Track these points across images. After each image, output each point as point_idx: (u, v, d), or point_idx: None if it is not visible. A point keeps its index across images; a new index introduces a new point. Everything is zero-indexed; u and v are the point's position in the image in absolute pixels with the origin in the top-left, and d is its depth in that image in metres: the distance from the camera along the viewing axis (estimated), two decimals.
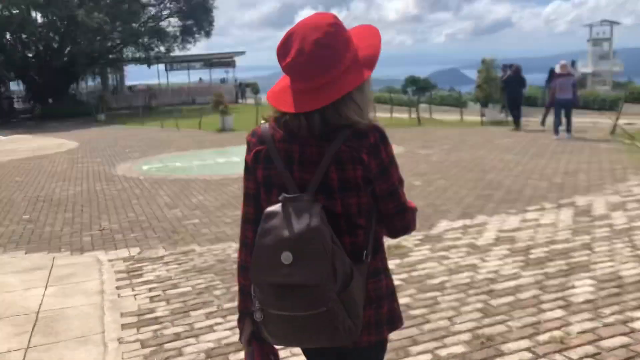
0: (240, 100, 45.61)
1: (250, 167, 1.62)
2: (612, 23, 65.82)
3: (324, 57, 1.47)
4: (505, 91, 16.26)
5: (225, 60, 49.17)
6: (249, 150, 1.62)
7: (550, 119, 14.23)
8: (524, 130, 15.38)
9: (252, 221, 1.64)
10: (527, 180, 8.10)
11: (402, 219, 1.64)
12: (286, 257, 1.42)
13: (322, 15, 1.54)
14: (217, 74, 50.57)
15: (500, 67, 18.24)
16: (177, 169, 11.81)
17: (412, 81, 30.72)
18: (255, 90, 43.53)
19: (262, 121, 1.65)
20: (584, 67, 59.26)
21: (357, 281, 1.50)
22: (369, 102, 1.57)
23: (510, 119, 16.47)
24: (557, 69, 13.89)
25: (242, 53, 51.02)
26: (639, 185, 7.41)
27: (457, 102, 24.96)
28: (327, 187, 1.52)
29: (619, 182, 7.64)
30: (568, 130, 13.11)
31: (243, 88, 46.10)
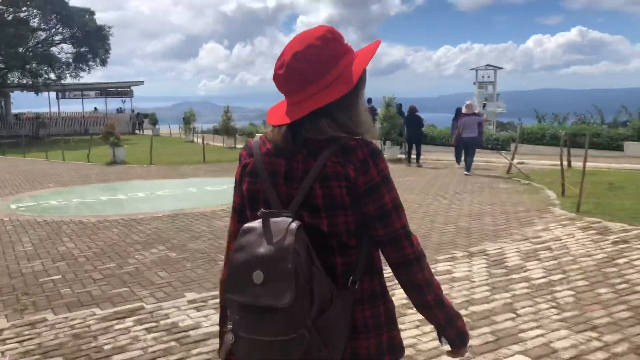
0: (137, 131, 43.64)
1: (237, 181, 1.58)
2: (496, 68, 70.94)
3: (301, 71, 1.43)
4: (406, 129, 16.34)
5: (122, 90, 47.28)
6: (239, 163, 1.58)
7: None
8: (424, 167, 15.33)
9: (234, 237, 1.49)
10: (432, 224, 7.69)
11: (396, 251, 1.47)
12: (257, 277, 1.33)
13: (315, 29, 1.49)
14: (114, 103, 48.43)
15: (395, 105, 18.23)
16: (51, 208, 10.40)
17: None
18: (154, 121, 41.77)
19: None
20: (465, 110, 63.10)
21: (336, 307, 1.40)
22: (360, 117, 1.49)
23: (404, 156, 16.60)
24: (463, 109, 14.09)
25: (141, 83, 49.12)
26: (545, 230, 7.17)
27: None
28: (312, 204, 1.43)
29: (525, 227, 7.37)
30: (468, 168, 13.20)
31: (141, 119, 44.18)
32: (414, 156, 16.33)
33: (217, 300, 2.02)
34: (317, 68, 1.43)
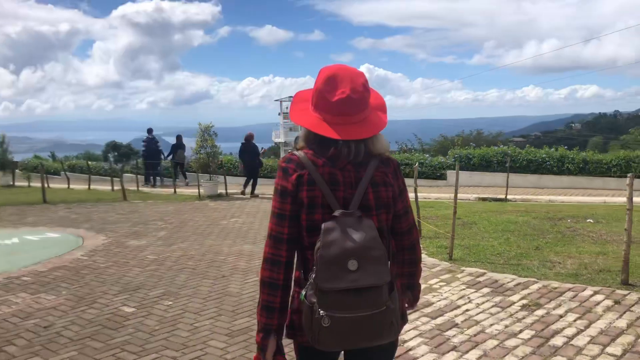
0: None
1: (290, 191, 1.82)
2: None
3: (367, 97, 1.86)
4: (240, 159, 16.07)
5: None
6: (287, 175, 1.83)
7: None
8: (260, 199, 13.41)
9: (285, 240, 1.84)
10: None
11: (411, 238, 2.01)
12: (352, 265, 1.68)
13: (352, 67, 1.90)
14: None
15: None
16: None
17: (114, 147, 27.19)
18: None
19: (292, 149, 1.98)
20: (278, 138, 64.99)
21: (396, 287, 1.84)
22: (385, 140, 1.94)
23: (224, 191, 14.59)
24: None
25: None
26: (431, 290, 5.67)
27: (169, 172, 22.22)
28: (365, 205, 1.82)
29: None
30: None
31: None
32: (249, 188, 15.55)
33: None
34: (369, 96, 1.88)
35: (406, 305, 2.09)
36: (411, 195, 14.05)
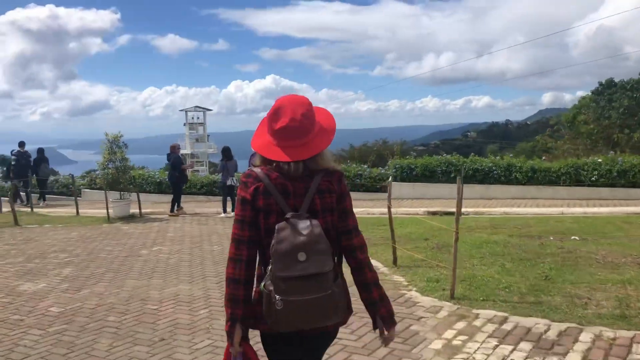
0: None
1: (249, 200, 2.17)
2: (205, 109, 70.81)
3: (307, 125, 2.17)
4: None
5: None
6: (246, 187, 2.19)
7: None
8: (183, 218, 11.45)
9: (246, 242, 2.18)
10: None
11: (357, 234, 2.29)
12: (301, 256, 2.04)
13: (300, 96, 2.25)
14: None
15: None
16: None
17: (2, 161, 24.09)
18: None
19: (251, 167, 2.26)
20: (184, 149, 62.21)
21: (342, 276, 2.26)
22: (330, 156, 2.30)
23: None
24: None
25: None
26: (450, 348, 4.23)
27: (67, 189, 19.53)
28: (313, 210, 2.15)
29: (408, 345, 4.33)
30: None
31: None
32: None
33: None
34: (312, 123, 2.20)
35: (385, 332, 2.31)
36: (375, 210, 12.70)
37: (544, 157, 18.97)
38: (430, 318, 5.00)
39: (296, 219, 2.10)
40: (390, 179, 7.44)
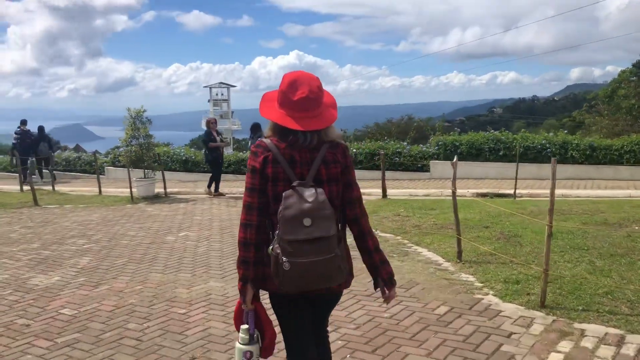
0: None
1: (259, 168, 2.31)
2: (229, 86, 70.08)
3: (321, 97, 2.34)
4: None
5: None
6: (256, 156, 2.32)
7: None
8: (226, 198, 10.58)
9: (256, 208, 2.33)
10: None
11: (361, 204, 2.44)
12: (307, 221, 2.18)
13: (309, 73, 2.36)
14: None
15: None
16: None
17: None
18: None
19: (262, 137, 2.41)
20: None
21: (345, 239, 2.38)
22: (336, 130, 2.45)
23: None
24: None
25: None
26: None
27: (91, 167, 18.83)
28: (318, 179, 2.30)
29: None
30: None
31: None
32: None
33: None
34: (324, 95, 2.36)
35: (386, 292, 2.51)
36: (393, 191, 11.66)
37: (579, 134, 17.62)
38: (524, 335, 4.00)
39: (302, 186, 2.25)
40: (455, 158, 6.39)
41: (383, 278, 2.47)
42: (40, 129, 17.52)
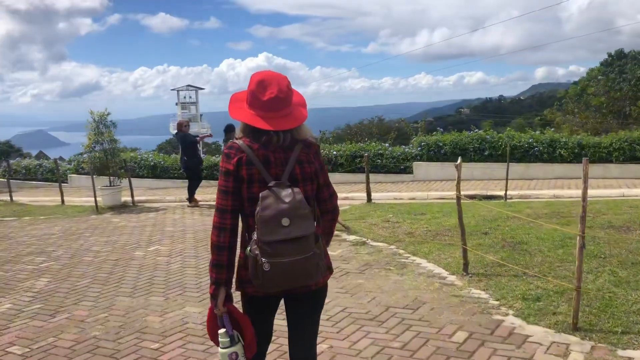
0: None
1: (232, 170, 2.29)
2: (197, 88, 68.95)
3: (290, 96, 2.34)
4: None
5: None
6: (229, 158, 2.30)
7: None
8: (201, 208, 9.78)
9: (230, 211, 2.31)
10: None
11: (332, 202, 2.49)
12: (285, 221, 2.17)
13: (276, 72, 2.37)
14: None
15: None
16: None
17: None
18: None
19: (232, 139, 2.38)
20: (175, 129, 59.95)
21: (322, 238, 2.36)
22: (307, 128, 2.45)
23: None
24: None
25: None
26: None
27: (53, 175, 17.77)
28: (294, 178, 2.31)
29: None
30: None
31: None
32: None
33: None
34: (292, 95, 2.36)
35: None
36: (377, 195, 11.01)
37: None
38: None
39: (278, 187, 2.24)
40: (459, 160, 5.74)
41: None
42: None
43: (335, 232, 8.19)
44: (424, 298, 4.80)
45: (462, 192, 11.11)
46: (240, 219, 2.35)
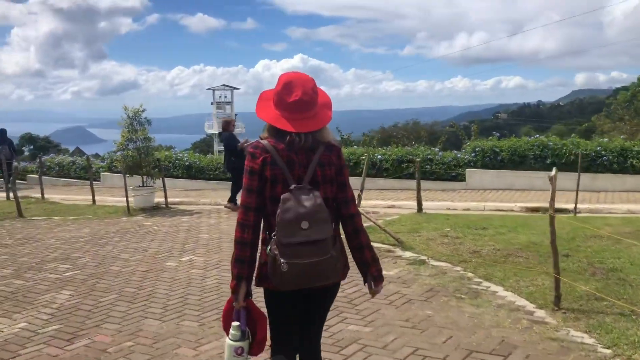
0: None
1: (257, 170, 2.33)
2: (232, 88, 68.91)
3: (315, 98, 2.38)
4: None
5: None
6: (255, 158, 2.35)
7: None
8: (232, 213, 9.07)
9: (254, 209, 2.36)
10: None
11: (352, 206, 2.48)
12: (305, 224, 2.23)
13: (303, 73, 2.42)
14: None
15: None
16: None
17: (30, 139, 22.30)
18: None
19: (258, 138, 2.42)
20: (210, 129, 60.60)
21: (340, 239, 2.43)
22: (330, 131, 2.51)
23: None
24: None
25: None
26: None
27: (86, 173, 17.33)
28: (315, 181, 2.35)
29: None
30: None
31: None
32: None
33: None
34: (317, 97, 2.39)
35: (372, 287, 2.51)
36: (428, 204, 10.12)
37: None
38: None
39: (299, 190, 2.28)
40: (554, 170, 4.78)
41: (373, 274, 2.51)
42: (2, 132, 16.29)
43: (388, 247, 7.49)
44: (512, 340, 3.93)
45: (524, 204, 10.18)
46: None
